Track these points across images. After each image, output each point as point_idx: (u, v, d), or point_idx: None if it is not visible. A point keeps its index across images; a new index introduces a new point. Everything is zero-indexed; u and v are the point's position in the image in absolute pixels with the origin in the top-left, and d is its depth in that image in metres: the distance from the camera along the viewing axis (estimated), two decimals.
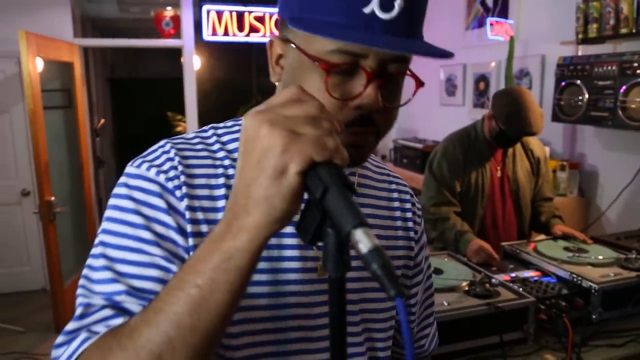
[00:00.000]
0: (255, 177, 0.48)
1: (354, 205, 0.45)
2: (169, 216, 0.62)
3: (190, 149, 0.67)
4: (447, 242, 2.17)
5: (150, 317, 0.51)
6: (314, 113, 0.49)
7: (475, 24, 3.58)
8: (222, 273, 0.49)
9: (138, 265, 0.60)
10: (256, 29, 4.30)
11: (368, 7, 0.57)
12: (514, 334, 1.55)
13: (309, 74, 0.62)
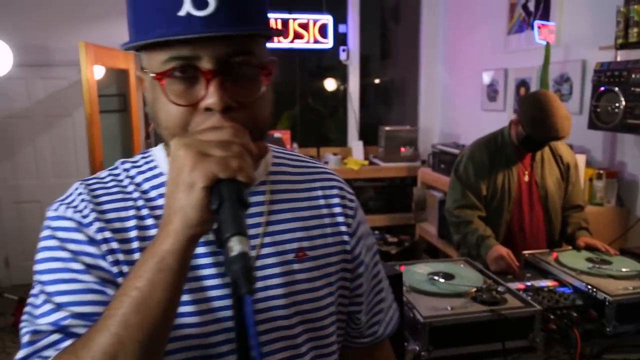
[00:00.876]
0: (173, 191, 0.57)
1: (238, 217, 0.53)
2: (92, 247, 0.67)
3: (102, 187, 0.73)
4: (469, 245, 2.18)
5: (100, 324, 0.57)
6: (226, 138, 0.57)
7: (517, 28, 3.53)
8: (157, 273, 0.56)
9: (74, 294, 0.65)
10: (300, 36, 4.42)
11: (182, 10, 0.60)
12: (520, 342, 1.56)
13: (157, 91, 0.65)
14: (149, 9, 0.62)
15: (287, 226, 0.77)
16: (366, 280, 0.87)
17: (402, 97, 5.66)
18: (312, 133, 4.99)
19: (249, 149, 0.57)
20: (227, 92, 0.62)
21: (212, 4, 0.60)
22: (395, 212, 4.39)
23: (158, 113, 0.66)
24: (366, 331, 0.91)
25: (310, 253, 0.77)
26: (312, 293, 0.76)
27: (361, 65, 4.87)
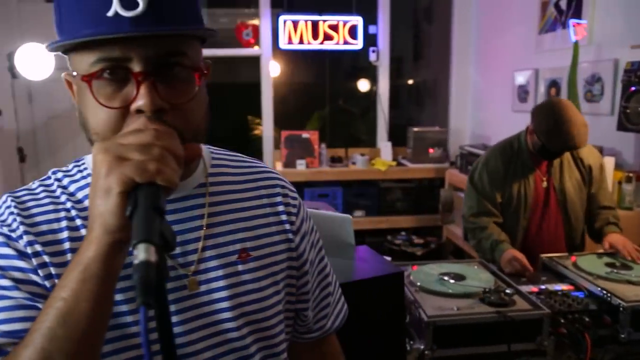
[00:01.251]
0: (93, 197, 0.56)
1: (148, 224, 0.50)
2: (22, 261, 0.65)
3: (32, 199, 0.70)
4: (483, 251, 2.16)
5: (27, 340, 0.56)
6: (146, 141, 0.55)
7: (548, 27, 3.45)
8: (82, 283, 0.55)
9: (3, 311, 0.62)
10: (330, 37, 4.45)
11: (111, 10, 0.59)
12: (527, 345, 1.54)
13: (85, 94, 0.63)
14: (76, 9, 0.60)
15: (228, 227, 0.76)
16: (312, 276, 0.87)
17: (433, 98, 5.62)
18: (341, 134, 5.02)
19: (173, 151, 0.56)
20: (158, 93, 0.61)
21: (141, 4, 0.59)
22: (422, 214, 4.36)
23: (87, 117, 0.65)
24: (314, 326, 0.91)
25: (254, 253, 0.77)
26: (258, 293, 0.76)
27: (394, 66, 4.86)
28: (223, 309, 0.72)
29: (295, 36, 4.40)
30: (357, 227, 4.21)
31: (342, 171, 4.26)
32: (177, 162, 0.57)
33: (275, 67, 4.67)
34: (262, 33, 4.48)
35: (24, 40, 3.82)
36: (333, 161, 4.37)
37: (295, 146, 4.21)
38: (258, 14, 4.49)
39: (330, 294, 0.94)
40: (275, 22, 4.43)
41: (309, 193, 4.21)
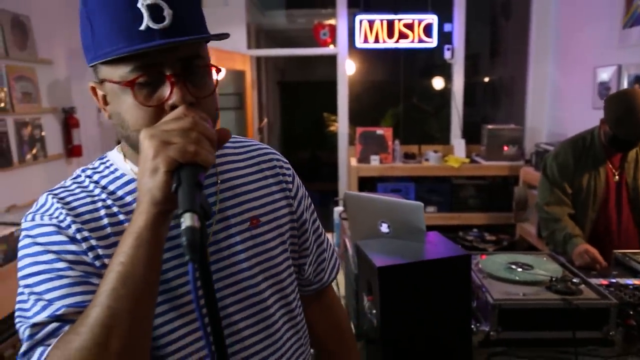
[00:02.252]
0: (141, 177, 0.65)
1: (191, 197, 0.60)
2: (74, 245, 0.74)
3: (69, 194, 0.80)
4: (556, 242, 2.19)
5: (93, 302, 0.65)
6: (186, 127, 0.64)
7: (634, 21, 3.35)
8: (136, 249, 0.65)
9: (63, 288, 0.71)
10: (405, 35, 4.54)
11: (142, 24, 0.68)
12: (593, 333, 1.59)
13: (122, 98, 0.73)
14: (110, 27, 0.69)
15: (237, 200, 0.88)
16: (310, 235, 1.02)
17: (509, 95, 5.54)
18: (415, 131, 5.08)
19: (208, 135, 0.66)
20: (188, 90, 0.71)
21: (167, 18, 0.69)
22: (495, 211, 4.35)
23: (125, 117, 0.73)
24: (314, 279, 1.06)
25: (262, 219, 0.89)
26: (270, 252, 0.89)
27: (470, 63, 4.86)
28: (243, 269, 0.85)
29: (370, 35, 4.53)
30: (429, 223, 4.27)
31: (415, 167, 4.33)
32: (212, 144, 0.67)
33: (351, 65, 4.82)
34: (338, 32, 4.64)
35: None
36: (406, 157, 4.46)
37: (369, 142, 4.34)
38: (335, 14, 4.66)
39: (325, 250, 1.09)
40: (351, 21, 4.58)
41: (381, 188, 4.33)
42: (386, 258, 1.43)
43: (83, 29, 0.74)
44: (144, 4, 0.68)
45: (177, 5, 0.70)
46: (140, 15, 0.68)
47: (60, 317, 0.69)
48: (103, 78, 0.74)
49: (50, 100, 3.67)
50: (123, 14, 0.68)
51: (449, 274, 1.43)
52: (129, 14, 0.68)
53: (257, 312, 0.87)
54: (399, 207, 1.67)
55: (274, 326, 0.89)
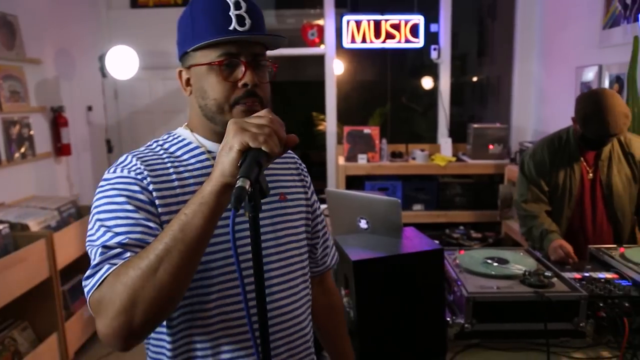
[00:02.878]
0: (220, 152, 0.84)
1: (249, 169, 0.77)
2: (143, 194, 0.95)
3: (145, 156, 1.02)
4: (533, 238, 2.25)
5: (158, 238, 0.84)
6: (263, 123, 0.83)
7: (612, 22, 3.41)
8: (199, 206, 0.82)
9: (128, 226, 0.91)
10: (392, 36, 4.59)
11: (231, 25, 0.96)
12: (564, 325, 1.64)
13: (209, 76, 0.98)
14: (209, 25, 0.97)
15: (272, 179, 1.14)
16: (320, 222, 1.28)
17: (497, 94, 5.61)
18: (402, 130, 5.13)
19: (277, 133, 0.83)
20: (256, 75, 0.98)
21: (248, 24, 0.97)
22: (481, 209, 4.41)
23: (207, 89, 0.98)
24: (320, 261, 1.31)
25: (288, 197, 1.16)
26: (293, 222, 1.15)
27: (458, 63, 4.92)
28: (269, 232, 1.09)
29: (358, 35, 4.58)
30: (416, 221, 4.36)
31: (402, 165, 4.39)
32: (280, 141, 0.84)
33: (339, 65, 4.86)
34: (326, 33, 4.69)
35: (112, 43, 4.25)
36: (393, 156, 4.51)
37: (357, 141, 4.38)
38: (323, 15, 4.70)
39: (328, 239, 1.34)
40: (339, 22, 4.62)
41: (369, 186, 4.37)
42: (362, 252, 1.48)
43: (184, 25, 1.02)
44: (234, 13, 0.97)
45: (254, 17, 0.98)
46: (230, 20, 0.96)
47: (124, 245, 0.88)
48: (192, 64, 1.00)
49: (38, 100, 3.68)
50: (220, 17, 0.96)
51: (422, 267, 1.48)
52: (223, 18, 0.96)
53: (284, 266, 1.10)
54: (376, 203, 1.72)
55: (295, 280, 1.12)
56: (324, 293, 1.35)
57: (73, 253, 3.18)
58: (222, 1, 0.97)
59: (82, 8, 4.35)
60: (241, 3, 0.98)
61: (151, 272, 0.80)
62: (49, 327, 2.93)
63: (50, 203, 3.32)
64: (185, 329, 1.00)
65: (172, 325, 1.01)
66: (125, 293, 0.80)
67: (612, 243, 2.26)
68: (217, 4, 0.97)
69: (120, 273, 0.83)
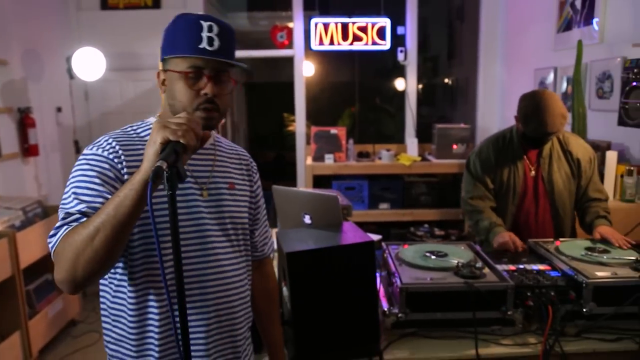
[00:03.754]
0: (147, 146, 1.03)
1: (167, 155, 0.95)
2: (111, 172, 1.16)
3: (121, 138, 1.22)
4: (479, 231, 2.34)
5: (99, 211, 1.05)
6: (180, 121, 1.03)
7: (565, 26, 3.55)
8: (129, 191, 1.01)
9: (92, 196, 1.13)
10: (359, 38, 4.68)
11: (202, 44, 1.16)
12: (493, 313, 1.73)
13: (178, 82, 1.19)
14: (185, 40, 1.17)
15: (223, 169, 1.36)
16: (261, 213, 1.49)
17: (465, 95, 5.73)
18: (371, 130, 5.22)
19: (194, 130, 1.03)
20: (215, 87, 1.18)
21: (216, 45, 1.17)
22: (445, 207, 4.52)
23: (176, 93, 1.18)
24: (260, 247, 1.52)
25: (237, 186, 1.38)
26: (238, 208, 1.37)
27: (430, 65, 5.03)
28: (222, 211, 1.31)
29: (326, 38, 4.66)
30: (383, 219, 4.46)
31: (368, 165, 4.48)
32: (197, 136, 1.03)
33: (309, 67, 4.94)
34: (295, 35, 4.77)
35: (81, 44, 4.27)
36: (360, 156, 4.59)
37: (324, 141, 4.46)
38: (292, 17, 4.78)
39: (268, 231, 1.55)
40: (307, 24, 4.70)
41: (336, 185, 4.45)
42: (297, 245, 1.55)
43: (168, 35, 1.21)
44: (206, 35, 1.16)
45: (223, 40, 1.18)
46: (201, 40, 1.16)
47: (84, 212, 1.09)
48: (168, 69, 1.20)
49: (5, 101, 3.70)
50: (193, 36, 1.16)
51: (354, 259, 1.55)
52: (196, 37, 1.16)
53: (225, 240, 1.32)
54: (318, 199, 1.80)
55: (234, 253, 1.34)
56: (262, 277, 1.55)
57: (38, 252, 3.21)
58: (198, 24, 1.17)
59: (51, 9, 4.37)
60: (213, 27, 1.17)
61: (89, 239, 1.01)
62: (12, 325, 2.96)
63: (16, 203, 3.34)
64: (144, 288, 1.22)
65: (134, 282, 1.21)
66: (70, 252, 1.03)
67: (554, 237, 2.35)
68: (194, 25, 1.17)
69: (70, 235, 1.05)
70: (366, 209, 4.52)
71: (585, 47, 3.08)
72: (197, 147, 1.06)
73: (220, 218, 1.31)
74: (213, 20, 1.19)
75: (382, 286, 1.95)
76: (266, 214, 1.52)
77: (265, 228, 1.52)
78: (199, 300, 1.26)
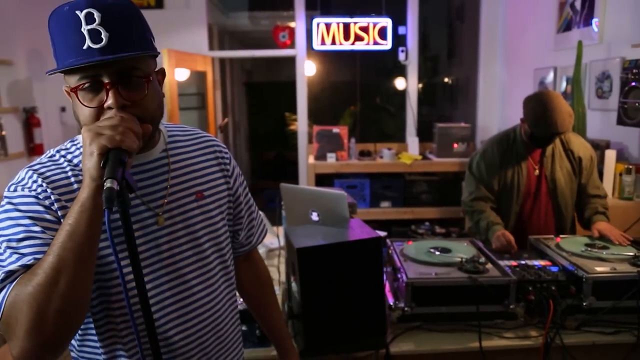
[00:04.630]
0: (83, 160, 0.86)
1: (114, 170, 0.81)
2: (48, 214, 0.93)
3: (47, 169, 0.98)
4: (479, 230, 2.39)
5: (48, 252, 0.85)
6: (114, 123, 0.85)
7: (565, 26, 3.60)
8: (81, 214, 0.85)
9: (35, 246, 0.90)
10: (361, 38, 4.73)
11: (85, 44, 0.86)
12: (496, 307, 1.78)
13: (75, 101, 0.93)
14: (64, 44, 0.89)
15: (185, 177, 1.10)
16: (244, 206, 1.28)
17: (465, 95, 5.78)
18: (372, 129, 5.27)
19: (132, 129, 0.86)
20: (121, 95, 0.90)
21: (104, 39, 0.87)
22: (445, 205, 4.57)
23: (78, 114, 0.94)
24: (245, 242, 1.33)
25: (206, 193, 1.13)
26: (212, 219, 1.13)
27: (430, 64, 5.07)
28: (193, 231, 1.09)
29: (328, 37, 4.71)
30: (384, 217, 4.51)
31: (369, 164, 4.52)
32: (136, 136, 0.87)
33: (311, 66, 4.98)
34: (297, 35, 4.81)
35: None
36: (362, 155, 4.64)
37: (326, 140, 4.51)
38: (294, 17, 4.82)
39: (254, 219, 1.35)
40: (309, 24, 4.75)
41: (338, 184, 4.50)
42: (306, 241, 1.60)
43: (51, 44, 0.93)
44: (85, 28, 0.87)
45: (112, 28, 0.88)
46: (84, 37, 0.87)
47: (29, 266, 0.88)
48: (67, 83, 0.94)
49: (10, 100, 3.74)
50: (71, 36, 0.87)
51: (362, 254, 1.60)
52: (75, 36, 0.87)
53: (202, 266, 1.11)
54: (325, 197, 1.84)
55: (214, 277, 1.14)
56: (250, 265, 1.41)
57: None
58: (73, 16, 0.88)
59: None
60: (94, 15, 0.87)
61: (52, 284, 0.82)
62: None
63: None
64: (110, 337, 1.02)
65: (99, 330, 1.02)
66: (30, 311, 0.82)
67: (556, 234, 2.41)
68: (69, 21, 0.88)
69: (21, 293, 0.83)
70: (368, 207, 4.57)
71: (585, 48, 3.13)
72: (139, 147, 0.89)
73: (192, 240, 1.08)
74: (91, 4, 0.87)
75: (387, 281, 2.00)
76: (250, 200, 1.33)
77: (250, 218, 1.32)
78: (182, 345, 1.08)
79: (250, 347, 1.74)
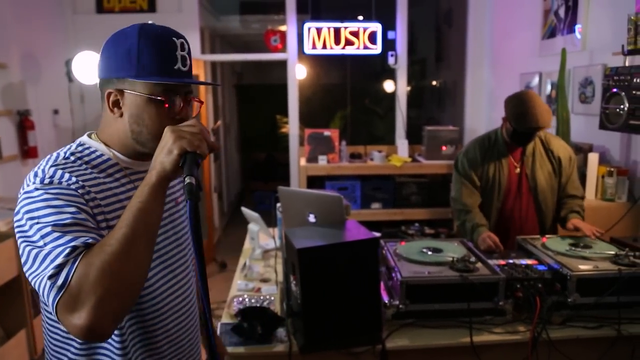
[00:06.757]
0: (159, 154, 0.97)
1: (191, 169, 0.94)
2: (87, 206, 1.00)
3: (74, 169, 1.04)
4: (465, 231, 2.49)
5: (119, 225, 0.93)
6: (195, 130, 0.98)
7: (549, 33, 3.72)
8: (150, 195, 0.94)
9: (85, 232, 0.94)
10: (351, 42, 4.81)
11: (177, 65, 1.06)
12: (486, 304, 1.87)
13: (149, 107, 1.06)
14: (156, 59, 1.04)
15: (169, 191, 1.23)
16: None
17: (453, 98, 5.90)
18: (362, 132, 5.36)
19: (207, 139, 0.99)
20: (187, 109, 1.11)
21: (188, 64, 1.09)
22: (435, 207, 4.67)
23: (146, 119, 1.06)
24: None
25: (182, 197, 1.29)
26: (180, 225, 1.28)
27: (418, 67, 5.16)
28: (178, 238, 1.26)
29: (318, 42, 4.79)
30: (374, 219, 4.60)
31: (360, 166, 4.61)
32: (208, 145, 0.99)
33: (302, 70, 5.06)
34: (288, 39, 4.88)
35: (78, 48, 4.34)
36: (352, 157, 4.73)
37: (317, 143, 4.59)
38: (285, 21, 4.89)
39: None
40: (300, 28, 4.82)
41: (329, 186, 4.58)
42: (306, 242, 1.67)
43: (126, 50, 1.05)
44: (180, 54, 1.07)
45: (190, 58, 1.10)
46: (176, 60, 1.06)
47: (89, 245, 0.92)
48: (128, 90, 1.05)
49: (4, 103, 3.75)
50: (167, 55, 1.05)
51: (359, 254, 1.68)
52: (171, 57, 1.05)
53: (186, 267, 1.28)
54: (322, 199, 1.92)
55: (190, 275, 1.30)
56: None
57: None
58: (171, 41, 1.05)
59: (47, 12, 4.43)
60: (185, 45, 1.08)
61: (127, 252, 0.89)
62: (18, 324, 3.03)
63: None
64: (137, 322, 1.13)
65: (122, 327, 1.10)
66: (105, 278, 0.86)
67: (537, 231, 2.52)
68: (167, 43, 1.05)
69: (95, 262, 0.87)
70: (359, 208, 4.65)
71: (569, 54, 3.25)
72: (207, 156, 1.01)
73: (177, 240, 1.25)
74: (181, 36, 1.09)
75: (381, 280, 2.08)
76: None
77: None
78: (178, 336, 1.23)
79: (252, 344, 1.80)
